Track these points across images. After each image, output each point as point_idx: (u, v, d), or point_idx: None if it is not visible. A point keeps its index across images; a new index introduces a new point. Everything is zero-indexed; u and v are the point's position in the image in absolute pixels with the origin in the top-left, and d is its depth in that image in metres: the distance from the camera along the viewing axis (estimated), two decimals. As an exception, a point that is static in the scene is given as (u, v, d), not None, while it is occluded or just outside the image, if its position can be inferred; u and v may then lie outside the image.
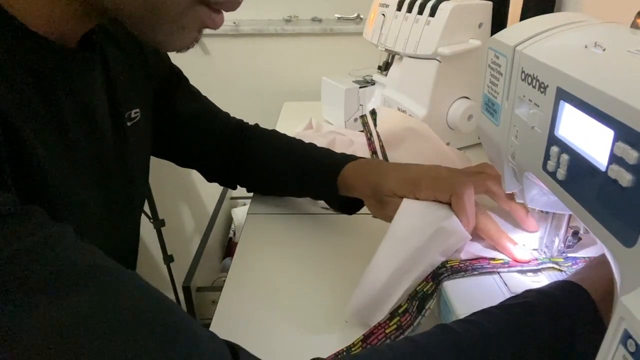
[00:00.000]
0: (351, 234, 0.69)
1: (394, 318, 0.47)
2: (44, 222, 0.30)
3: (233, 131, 0.73)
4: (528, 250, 0.50)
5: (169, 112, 0.67)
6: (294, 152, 0.71)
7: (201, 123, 0.71)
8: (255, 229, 0.71)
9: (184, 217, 1.79)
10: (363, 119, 0.94)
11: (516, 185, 0.45)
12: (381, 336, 0.46)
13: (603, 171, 0.28)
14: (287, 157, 0.70)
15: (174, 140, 0.70)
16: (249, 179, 0.75)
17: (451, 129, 0.93)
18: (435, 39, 0.84)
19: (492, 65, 0.44)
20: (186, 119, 0.69)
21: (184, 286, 1.23)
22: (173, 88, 0.67)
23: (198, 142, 0.71)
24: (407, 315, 0.46)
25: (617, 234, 0.28)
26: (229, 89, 1.53)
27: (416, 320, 0.45)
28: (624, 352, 0.25)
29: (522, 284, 0.46)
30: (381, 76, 1.01)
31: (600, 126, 0.28)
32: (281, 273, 0.62)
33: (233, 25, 1.43)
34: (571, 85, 0.31)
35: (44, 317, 0.26)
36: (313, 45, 1.48)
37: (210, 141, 0.72)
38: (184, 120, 0.69)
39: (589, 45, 0.34)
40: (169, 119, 0.67)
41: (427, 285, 0.47)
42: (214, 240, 1.45)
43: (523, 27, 0.41)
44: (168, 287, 1.63)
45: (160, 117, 0.63)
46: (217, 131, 0.72)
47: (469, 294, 0.45)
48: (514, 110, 0.40)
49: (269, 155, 0.72)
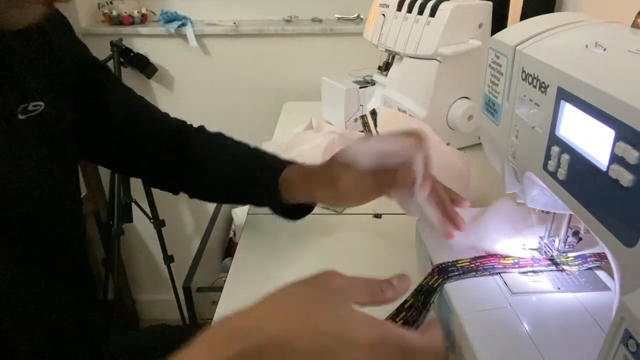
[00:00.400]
0: (351, 234, 0.69)
1: (401, 313, 0.47)
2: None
3: (173, 134, 0.68)
4: (520, 251, 0.50)
5: (99, 112, 0.62)
6: (237, 156, 0.67)
7: (136, 124, 0.65)
8: (255, 229, 0.71)
9: (184, 217, 1.79)
10: (363, 119, 0.94)
11: (517, 185, 0.45)
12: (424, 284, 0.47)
13: (604, 171, 0.28)
14: (228, 162, 0.67)
15: (107, 144, 0.64)
16: (191, 185, 0.70)
17: (451, 129, 0.93)
18: (435, 39, 0.84)
19: (492, 65, 0.44)
20: (119, 120, 0.64)
21: (184, 286, 1.23)
22: (100, 84, 0.62)
23: (133, 146, 0.66)
24: (412, 310, 0.46)
25: (618, 234, 0.28)
26: (229, 89, 1.53)
27: (421, 315, 0.45)
28: (625, 352, 0.25)
29: (522, 284, 0.46)
30: (381, 76, 1.01)
31: (601, 126, 0.28)
32: (281, 273, 0.62)
33: (233, 26, 1.43)
34: (572, 85, 0.31)
35: None
36: (313, 45, 1.48)
37: (146, 144, 0.66)
38: (116, 122, 0.63)
39: (589, 45, 0.34)
40: (99, 119, 0.62)
41: (433, 279, 0.47)
42: (214, 241, 1.45)
43: (523, 27, 0.41)
44: (168, 287, 1.63)
45: (90, 117, 0.60)
46: (155, 133, 0.67)
47: (469, 294, 0.45)
48: (515, 110, 0.40)
49: (210, 160, 0.67)
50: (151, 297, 1.92)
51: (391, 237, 0.62)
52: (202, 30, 1.45)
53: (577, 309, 0.43)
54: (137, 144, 0.66)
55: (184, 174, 0.68)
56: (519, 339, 0.40)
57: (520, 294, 0.44)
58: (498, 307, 0.43)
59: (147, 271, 1.88)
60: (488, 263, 0.48)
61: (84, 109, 0.58)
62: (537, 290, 0.45)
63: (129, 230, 1.72)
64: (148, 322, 1.94)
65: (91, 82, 0.61)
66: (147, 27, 1.45)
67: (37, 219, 0.49)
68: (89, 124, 0.60)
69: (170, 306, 1.65)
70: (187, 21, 1.43)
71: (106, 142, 0.64)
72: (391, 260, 0.65)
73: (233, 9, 1.48)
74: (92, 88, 0.61)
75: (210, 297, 1.27)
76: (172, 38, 1.46)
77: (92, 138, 0.62)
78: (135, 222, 1.62)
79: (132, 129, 0.65)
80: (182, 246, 1.76)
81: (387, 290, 0.40)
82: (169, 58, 1.50)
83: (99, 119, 0.62)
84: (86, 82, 0.60)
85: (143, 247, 1.83)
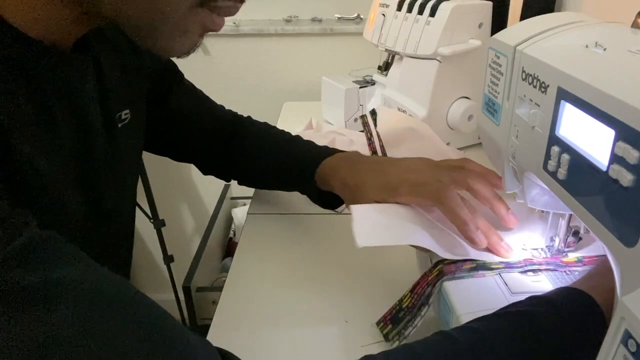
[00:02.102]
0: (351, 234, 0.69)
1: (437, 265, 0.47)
2: (30, 227, 0.29)
3: (227, 124, 0.73)
4: (520, 252, 0.50)
5: (164, 108, 0.66)
6: (278, 145, 0.71)
7: (196, 117, 0.70)
8: (255, 229, 0.71)
9: (184, 217, 1.79)
10: (363, 119, 0.94)
11: (517, 185, 0.45)
12: (424, 284, 0.47)
13: (604, 171, 0.28)
14: (271, 150, 0.71)
15: (169, 135, 0.69)
16: (238, 172, 0.75)
17: (451, 129, 0.93)
18: (435, 39, 0.84)
19: (492, 65, 0.44)
20: (181, 114, 0.69)
21: (184, 286, 1.23)
22: (168, 84, 0.67)
23: (193, 137, 0.71)
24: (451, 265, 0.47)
25: (618, 234, 0.28)
26: (230, 89, 1.53)
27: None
28: (624, 352, 0.25)
29: (522, 284, 0.46)
30: (381, 76, 1.01)
31: (601, 126, 0.28)
32: (281, 273, 0.62)
33: (233, 26, 1.43)
34: (572, 85, 0.31)
35: (25, 332, 0.26)
36: (313, 45, 1.48)
37: (205, 135, 0.72)
38: (178, 115, 0.68)
39: (589, 45, 0.34)
40: (163, 114, 0.66)
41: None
42: (214, 240, 1.45)
43: (523, 27, 0.41)
44: (168, 287, 1.63)
45: (155, 112, 0.63)
46: (212, 125, 0.72)
47: (469, 294, 0.45)
48: (515, 110, 0.40)
49: (254, 149, 0.72)
50: (151, 297, 1.88)
51: (391, 237, 0.62)
52: (202, 30, 1.45)
53: (577, 309, 0.43)
54: (196, 137, 0.71)
55: (233, 163, 0.73)
56: (519, 339, 0.40)
57: (520, 294, 0.44)
58: (498, 307, 0.43)
59: (147, 271, 1.88)
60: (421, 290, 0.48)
61: (153, 108, 0.62)
62: (537, 290, 0.45)
63: (129, 230, 1.72)
64: (148, 322, 1.93)
65: (163, 83, 0.65)
66: (147, 27, 1.45)
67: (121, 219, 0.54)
68: (155, 119, 0.63)
69: (170, 306, 1.65)
70: (187, 21, 1.43)
71: (169, 133, 0.69)
72: (391, 260, 0.65)
73: (233, 9, 1.48)
74: (163, 89, 0.65)
75: (210, 297, 1.27)
76: (172, 38, 1.46)
77: (158, 130, 0.66)
78: (136, 222, 1.62)
79: (194, 124, 0.70)
80: (182, 246, 1.76)
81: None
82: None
83: (165, 114, 0.67)
84: (159, 84, 0.64)
85: (143, 247, 1.83)
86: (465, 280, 0.46)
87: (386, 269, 0.63)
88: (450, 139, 0.93)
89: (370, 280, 0.60)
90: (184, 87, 0.70)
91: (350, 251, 0.66)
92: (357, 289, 0.58)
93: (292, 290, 0.59)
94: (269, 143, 0.72)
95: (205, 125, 0.72)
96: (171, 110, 0.67)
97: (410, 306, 0.47)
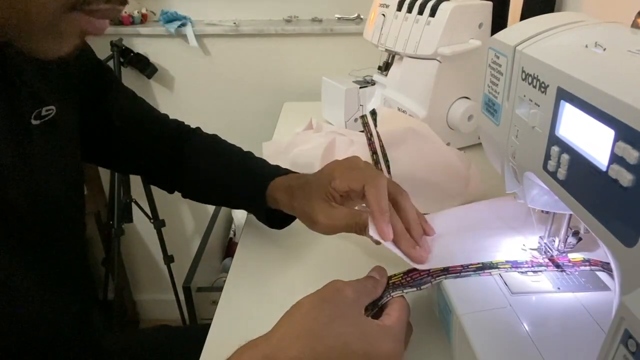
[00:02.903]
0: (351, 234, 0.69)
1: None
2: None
3: (172, 134, 0.70)
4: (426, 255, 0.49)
5: (99, 111, 0.62)
6: (229, 160, 0.68)
7: (135, 124, 0.67)
8: (255, 229, 0.71)
9: (184, 217, 1.79)
10: (363, 119, 0.94)
11: (517, 185, 0.45)
12: (424, 273, 0.48)
13: (604, 171, 0.28)
14: (220, 165, 0.68)
15: (107, 142, 0.65)
16: (184, 185, 0.71)
17: (451, 129, 0.93)
18: (435, 39, 0.84)
19: (492, 65, 0.44)
20: (119, 119, 0.65)
21: (184, 286, 1.23)
22: (104, 87, 0.63)
23: (133, 147, 0.67)
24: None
25: (618, 234, 0.28)
26: (229, 89, 1.53)
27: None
28: (624, 352, 0.25)
29: (522, 284, 0.46)
30: (381, 76, 1.01)
31: (600, 126, 0.28)
32: (281, 273, 0.62)
33: (233, 26, 1.43)
34: (572, 85, 0.31)
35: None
36: (313, 45, 1.48)
37: (145, 145, 0.68)
38: (116, 120, 0.64)
39: (589, 45, 0.34)
40: (100, 118, 0.63)
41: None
42: (214, 241, 1.45)
43: (523, 27, 0.41)
44: (168, 287, 1.63)
45: (93, 119, 0.60)
46: (155, 134, 0.68)
47: (469, 294, 0.45)
48: (515, 110, 0.40)
49: (202, 163, 0.69)
50: (151, 297, 1.92)
51: (391, 237, 0.62)
52: (202, 30, 1.45)
53: (577, 309, 0.43)
54: (137, 145, 0.67)
55: (178, 174, 0.70)
56: (519, 339, 0.40)
57: (520, 293, 0.44)
58: (498, 307, 0.43)
59: (147, 271, 1.88)
60: (418, 277, 0.48)
61: (87, 111, 0.59)
62: (537, 290, 0.45)
63: (129, 230, 1.72)
64: (148, 322, 1.94)
65: (96, 84, 0.62)
66: (147, 27, 1.45)
67: (46, 220, 0.50)
68: (91, 125, 0.60)
69: (170, 306, 1.65)
70: (187, 21, 1.43)
71: (106, 142, 0.65)
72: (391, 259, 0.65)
73: (233, 9, 1.48)
74: (97, 90, 0.62)
75: (210, 297, 1.27)
76: (172, 38, 1.46)
77: (93, 139, 0.62)
78: (135, 222, 1.62)
79: (133, 130, 0.66)
80: (182, 246, 1.76)
81: (378, 287, 0.45)
82: (169, 58, 1.50)
83: (101, 121, 0.63)
84: (91, 84, 0.60)
85: (143, 247, 1.83)
86: (465, 280, 0.46)
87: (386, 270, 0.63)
88: (450, 139, 0.93)
89: (370, 280, 0.60)
90: (121, 91, 0.67)
91: (350, 251, 0.66)
92: (357, 289, 0.58)
93: (292, 290, 0.59)
94: (219, 155, 0.69)
95: (146, 132, 0.68)
96: (108, 114, 0.63)
97: (396, 283, 0.47)
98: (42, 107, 0.49)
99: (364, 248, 0.67)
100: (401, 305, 0.43)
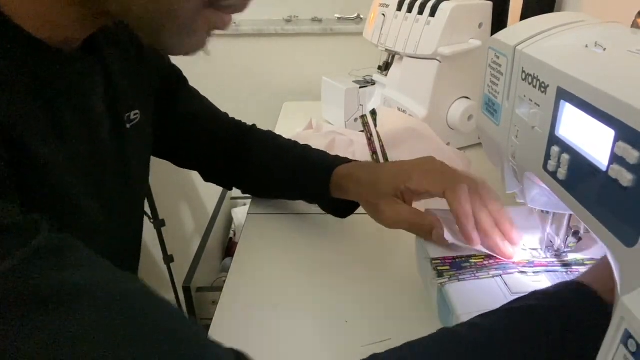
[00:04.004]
0: (351, 234, 0.69)
1: None
2: (44, 232, 0.29)
3: (232, 132, 0.73)
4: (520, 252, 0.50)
5: (170, 113, 0.66)
6: (288, 154, 0.70)
7: (201, 123, 0.70)
8: (255, 229, 0.71)
9: (184, 217, 1.79)
10: (363, 119, 0.94)
11: (517, 185, 0.45)
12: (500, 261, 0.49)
13: (604, 171, 0.28)
14: (281, 159, 0.70)
15: (174, 140, 0.69)
16: (244, 181, 0.75)
17: (451, 129, 0.93)
18: (435, 39, 0.84)
19: (492, 65, 0.44)
20: (187, 120, 0.68)
21: (184, 286, 1.23)
22: (174, 88, 0.67)
23: (197, 143, 0.71)
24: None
25: (618, 234, 0.28)
26: (229, 89, 1.53)
27: None
28: (624, 352, 0.25)
29: (522, 284, 0.46)
30: (381, 76, 1.01)
31: (600, 126, 0.28)
32: (281, 273, 0.62)
33: (233, 26, 1.43)
34: (572, 85, 0.31)
35: (42, 336, 0.25)
36: (313, 45, 1.48)
37: (209, 142, 0.71)
38: (184, 121, 0.68)
39: (589, 45, 0.34)
40: (169, 119, 0.66)
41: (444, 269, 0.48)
42: (214, 240, 1.44)
43: (523, 27, 0.41)
44: (168, 287, 1.63)
45: (161, 117, 0.63)
46: (217, 132, 0.71)
47: (469, 294, 0.45)
48: (515, 110, 0.40)
49: (264, 158, 0.71)
50: (151, 297, 1.92)
51: (391, 236, 0.62)
52: (202, 30, 1.45)
53: (577, 309, 0.43)
54: (201, 142, 0.71)
55: (239, 170, 0.73)
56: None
57: (520, 294, 0.44)
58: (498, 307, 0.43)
59: (147, 271, 1.88)
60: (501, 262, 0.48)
61: (160, 111, 0.62)
62: (537, 291, 0.45)
63: (129, 230, 1.72)
64: (148, 322, 1.93)
65: (169, 86, 0.65)
66: (147, 27, 1.45)
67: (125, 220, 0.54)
68: (162, 124, 0.63)
69: (170, 306, 1.65)
70: (187, 21, 1.43)
71: (175, 139, 0.69)
72: (391, 260, 0.65)
73: (233, 9, 1.48)
74: (169, 92, 0.65)
75: (210, 297, 1.27)
76: (172, 38, 1.46)
77: (163, 135, 0.65)
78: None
79: (199, 128, 0.70)
80: (182, 246, 1.76)
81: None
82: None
83: (172, 120, 0.66)
84: (165, 86, 0.63)
85: (143, 246, 1.82)
86: (465, 281, 0.46)
87: (386, 270, 0.63)
88: (450, 139, 0.93)
89: (370, 280, 0.60)
90: (191, 91, 0.70)
91: (350, 251, 0.66)
92: (357, 289, 0.58)
93: (291, 290, 0.59)
94: (279, 151, 0.71)
95: (211, 131, 0.71)
96: (179, 113, 0.67)
97: (479, 265, 0.48)
98: (131, 111, 0.51)
99: (364, 249, 0.67)
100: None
